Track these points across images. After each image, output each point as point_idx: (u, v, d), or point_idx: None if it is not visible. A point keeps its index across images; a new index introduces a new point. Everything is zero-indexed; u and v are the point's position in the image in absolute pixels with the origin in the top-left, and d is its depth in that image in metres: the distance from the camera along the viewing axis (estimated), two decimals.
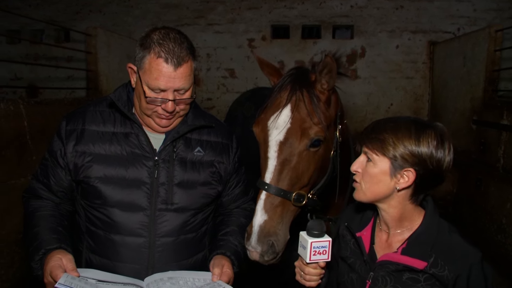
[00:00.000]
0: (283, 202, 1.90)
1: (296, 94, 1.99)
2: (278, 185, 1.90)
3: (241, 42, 6.49)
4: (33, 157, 3.45)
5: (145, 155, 1.78)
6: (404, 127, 1.45)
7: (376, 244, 1.60)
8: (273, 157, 1.94)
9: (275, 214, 1.88)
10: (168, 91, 1.67)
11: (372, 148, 1.48)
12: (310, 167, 1.96)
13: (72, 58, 6.52)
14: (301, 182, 1.94)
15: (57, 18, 6.71)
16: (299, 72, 2.11)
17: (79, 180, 1.78)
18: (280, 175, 1.92)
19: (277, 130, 1.96)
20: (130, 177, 1.74)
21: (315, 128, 1.94)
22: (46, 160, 1.86)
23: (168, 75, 1.65)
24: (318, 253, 1.50)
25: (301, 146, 1.93)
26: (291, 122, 1.95)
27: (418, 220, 1.54)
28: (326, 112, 2.02)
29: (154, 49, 1.65)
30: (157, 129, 1.82)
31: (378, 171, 1.48)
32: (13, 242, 3.32)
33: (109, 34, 5.14)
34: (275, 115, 1.99)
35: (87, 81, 5.04)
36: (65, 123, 1.83)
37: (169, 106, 1.69)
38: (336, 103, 2.14)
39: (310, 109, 1.96)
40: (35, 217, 1.80)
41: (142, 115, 1.80)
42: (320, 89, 2.04)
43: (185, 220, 1.82)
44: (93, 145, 1.76)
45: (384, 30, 6.24)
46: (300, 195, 1.93)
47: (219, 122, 2.06)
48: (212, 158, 1.90)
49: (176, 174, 1.80)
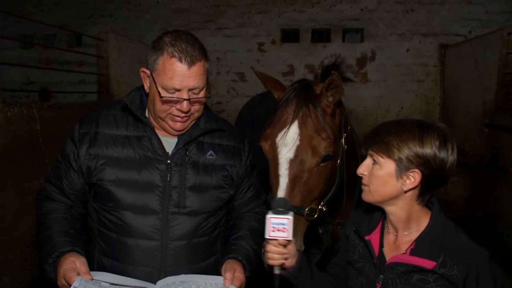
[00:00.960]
0: (296, 218, 1.89)
1: (302, 109, 1.99)
2: (291, 202, 1.89)
3: (251, 46, 6.50)
4: (46, 160, 3.48)
5: (158, 158, 1.79)
6: (407, 129, 1.47)
7: (384, 247, 1.61)
8: (284, 175, 1.95)
9: None
10: (182, 90, 1.69)
11: (377, 151, 1.51)
12: (320, 181, 1.97)
13: (83, 62, 6.59)
14: (312, 196, 1.95)
15: (69, 23, 6.79)
16: (303, 86, 2.11)
17: (92, 183, 1.79)
18: (292, 191, 1.92)
19: (286, 148, 1.96)
20: (143, 180, 1.75)
21: (324, 143, 1.94)
22: (59, 163, 1.87)
23: (182, 74, 1.67)
24: (278, 230, 1.52)
25: (311, 163, 1.94)
26: (300, 140, 1.95)
27: (425, 221, 1.55)
28: (332, 124, 2.01)
29: (167, 49, 1.67)
30: (172, 133, 1.83)
31: (384, 173, 1.50)
32: (26, 244, 3.35)
33: (120, 38, 5.18)
34: (283, 131, 1.98)
35: (98, 85, 5.09)
36: (78, 126, 1.84)
37: (184, 105, 1.70)
38: (341, 113, 2.14)
39: (317, 124, 1.95)
40: (47, 219, 1.81)
41: (156, 119, 1.81)
42: (326, 103, 2.04)
43: (198, 224, 1.83)
44: (106, 148, 1.78)
45: (395, 33, 6.21)
46: (312, 210, 1.95)
47: (231, 126, 2.07)
48: (224, 161, 1.91)
49: (188, 178, 1.80)
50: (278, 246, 1.59)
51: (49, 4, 6.92)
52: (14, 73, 6.74)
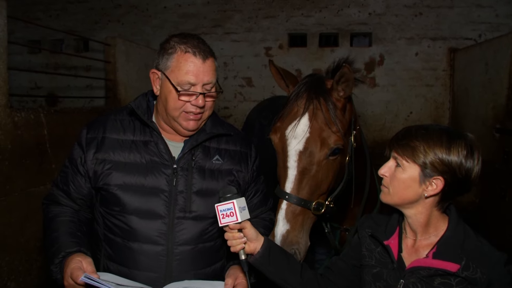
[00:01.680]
0: (303, 211, 1.92)
1: (313, 102, 2.00)
2: (299, 195, 1.91)
3: (258, 50, 6.53)
4: (53, 165, 3.51)
5: (164, 163, 1.80)
6: (435, 135, 1.48)
7: (403, 252, 1.61)
8: (293, 167, 1.95)
9: (296, 223, 1.90)
10: (197, 85, 1.73)
11: (402, 154, 1.52)
12: (329, 175, 1.97)
13: (91, 67, 6.65)
14: (320, 190, 1.96)
15: (76, 28, 6.87)
16: (314, 79, 2.12)
17: (98, 188, 1.81)
18: (300, 184, 1.93)
19: (296, 140, 1.96)
20: (149, 185, 1.76)
21: (334, 136, 1.95)
22: (66, 168, 1.89)
23: (197, 68, 1.71)
24: (227, 215, 1.57)
25: (320, 155, 1.94)
26: (309, 132, 1.96)
27: (443, 226, 1.56)
28: (342, 119, 2.03)
29: (179, 47, 1.72)
30: (184, 134, 1.84)
31: (407, 177, 1.51)
32: (32, 250, 3.37)
33: (128, 43, 5.23)
34: (293, 124, 2.00)
35: (105, 90, 5.14)
36: (85, 131, 1.86)
37: (199, 100, 1.73)
38: (351, 109, 2.15)
39: (328, 117, 1.97)
40: (54, 222, 1.83)
41: (168, 120, 1.82)
42: (337, 97, 2.05)
43: (203, 229, 1.83)
44: (113, 153, 1.79)
45: (403, 37, 6.20)
46: (319, 204, 1.95)
47: (238, 131, 2.08)
48: (231, 166, 1.92)
49: (194, 182, 1.81)
50: (232, 231, 1.61)
51: (57, 9, 7.01)
52: (21, 78, 6.82)
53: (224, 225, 1.60)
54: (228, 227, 1.61)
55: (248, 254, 1.65)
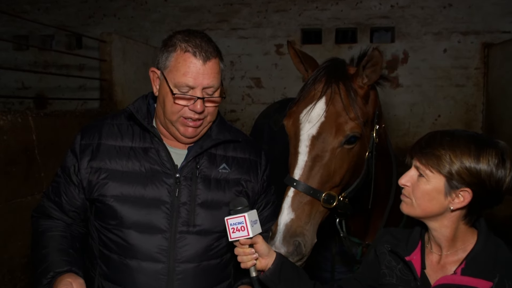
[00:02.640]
0: (311, 201, 1.93)
1: (331, 86, 2.03)
2: (308, 183, 1.93)
3: (268, 48, 6.55)
4: (42, 174, 3.53)
5: (166, 172, 1.81)
6: (463, 143, 1.48)
7: (427, 268, 1.61)
8: (304, 152, 1.97)
9: (303, 213, 1.91)
10: (196, 89, 1.73)
11: (426, 164, 1.51)
12: (343, 166, 1.99)
13: (84, 66, 6.71)
14: (332, 181, 1.97)
15: (68, 23, 6.93)
16: (335, 64, 2.17)
17: (93, 199, 1.82)
18: (311, 172, 1.95)
19: (310, 124, 2.00)
20: (149, 196, 1.78)
21: (351, 123, 1.98)
22: (59, 177, 1.92)
23: (196, 70, 1.72)
24: (237, 230, 1.60)
25: (335, 142, 1.96)
26: (325, 116, 1.99)
27: (472, 240, 1.56)
28: (363, 108, 2.05)
29: (180, 45, 1.73)
30: (182, 141, 1.86)
31: (431, 188, 1.51)
32: (17, 267, 3.38)
33: (125, 40, 5.28)
34: (308, 107, 2.03)
35: (100, 91, 5.18)
36: (80, 137, 1.89)
37: (197, 105, 1.74)
38: (375, 101, 2.18)
39: (346, 103, 2.00)
40: (44, 238, 1.85)
41: (166, 125, 1.84)
42: (360, 84, 2.08)
43: (209, 244, 1.84)
44: (109, 161, 1.81)
45: (430, 32, 6.18)
46: (330, 196, 1.95)
47: (246, 137, 2.09)
48: (239, 176, 1.93)
49: (199, 193, 1.82)
50: (243, 247, 1.64)
51: (46, 2, 7.08)
52: (7, 78, 6.89)
53: (234, 239, 1.62)
54: (239, 242, 1.63)
55: (259, 270, 1.67)
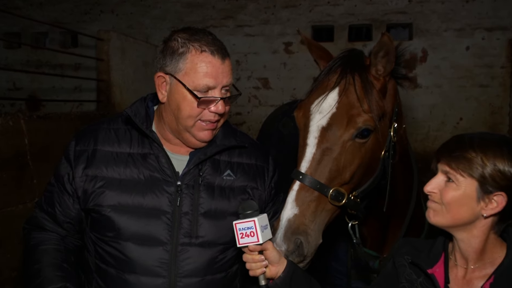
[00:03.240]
0: (318, 197, 1.93)
1: (346, 77, 2.05)
2: (315, 177, 1.93)
3: (276, 46, 6.56)
4: (34, 181, 3.55)
5: (166, 179, 1.82)
6: (494, 144, 1.49)
7: (451, 282, 1.60)
8: (313, 144, 1.99)
9: (308, 210, 1.91)
10: (216, 89, 1.75)
11: (455, 168, 1.51)
12: (354, 161, 1.99)
13: (80, 66, 6.76)
14: (341, 177, 1.97)
15: (63, 20, 6.98)
16: (352, 54, 2.19)
17: (89, 209, 1.83)
18: (318, 165, 1.96)
19: (321, 115, 2.02)
20: (148, 205, 1.78)
21: (364, 116, 1.99)
22: (52, 186, 1.92)
23: (216, 70, 1.74)
24: (246, 235, 1.61)
25: (346, 135, 1.98)
26: (337, 107, 2.01)
27: (500, 253, 1.56)
28: (379, 101, 2.06)
29: (193, 45, 1.74)
30: (195, 145, 1.87)
31: (461, 193, 1.51)
32: (6, 282, 3.37)
33: (124, 38, 5.31)
34: (320, 98, 2.06)
35: (97, 92, 5.20)
36: (74, 143, 1.90)
37: (219, 106, 1.76)
38: (394, 96, 2.18)
39: (360, 94, 2.01)
40: (37, 252, 1.86)
41: (179, 131, 1.83)
42: (375, 75, 2.09)
43: (213, 257, 1.84)
44: (105, 168, 1.82)
45: (451, 28, 6.17)
46: (339, 192, 1.95)
47: (252, 141, 2.10)
48: (245, 183, 1.93)
49: (202, 202, 1.83)
50: (252, 253, 1.64)
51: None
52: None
53: (243, 245, 1.63)
54: (248, 249, 1.63)
55: (268, 278, 1.67)
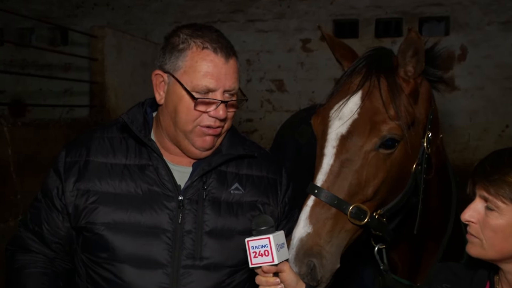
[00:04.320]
0: (336, 214, 1.90)
1: (370, 79, 2.04)
2: (332, 191, 1.91)
3: (293, 44, 6.57)
4: (18, 196, 3.55)
5: (166, 193, 1.85)
6: None
7: None
8: (330, 154, 1.98)
9: (323, 229, 1.88)
10: (217, 91, 1.78)
11: (495, 194, 1.50)
12: (378, 175, 1.97)
13: (70, 66, 6.83)
14: (363, 193, 1.95)
15: (51, 14, 7.05)
16: (379, 54, 2.18)
17: (80, 227, 1.86)
18: (337, 178, 1.94)
19: (340, 121, 2.01)
20: (146, 223, 1.81)
21: (390, 123, 1.97)
22: (39, 202, 1.96)
23: (218, 69, 1.77)
24: (260, 254, 1.59)
25: (368, 144, 1.96)
26: (359, 112, 1.99)
27: None
28: (408, 107, 2.03)
29: (194, 41, 1.78)
30: (196, 155, 1.89)
31: (505, 223, 1.50)
32: None
33: (120, 35, 5.36)
34: (340, 103, 2.05)
35: (90, 96, 5.25)
36: (64, 153, 1.93)
37: (220, 110, 1.78)
38: (428, 101, 2.16)
39: (386, 98, 2.00)
40: (22, 276, 1.88)
41: (177, 137, 1.87)
42: (404, 77, 2.08)
43: (219, 281, 1.86)
44: (99, 182, 1.85)
45: (495, 22, 6.12)
46: (360, 210, 1.92)
47: (264, 151, 2.13)
48: (255, 198, 1.95)
49: (206, 219, 1.85)
50: (266, 275, 1.63)
51: None
52: None
53: (256, 266, 1.63)
54: (261, 270, 1.63)
55: None
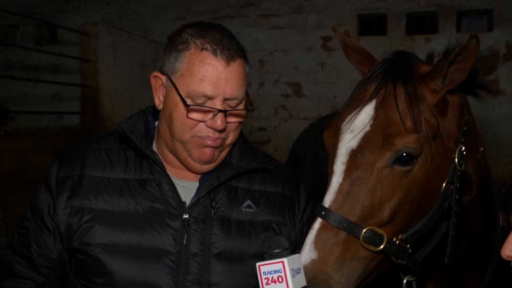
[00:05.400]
0: (346, 239, 1.89)
1: (386, 87, 2.05)
2: (341, 213, 1.90)
3: (312, 42, 6.60)
4: (0, 215, 3.60)
5: (170, 211, 1.88)
6: None
7: None
8: (339, 172, 1.98)
9: (331, 255, 1.87)
10: (216, 99, 1.80)
11: None
12: (394, 195, 1.95)
13: (59, 67, 6.89)
14: (378, 216, 1.93)
15: (38, 10, 7.10)
16: (398, 58, 2.18)
17: (73, 249, 1.89)
18: (346, 199, 1.93)
19: (351, 134, 2.01)
20: (147, 244, 1.84)
21: (406, 136, 1.95)
22: (28, 221, 2.00)
23: (217, 74, 1.79)
24: (273, 281, 1.61)
25: (381, 160, 1.95)
26: (371, 124, 2.00)
27: None
28: (431, 118, 2.02)
29: (194, 42, 1.81)
30: (196, 169, 1.92)
31: None
32: None
33: (116, 32, 5.39)
34: (352, 114, 2.06)
35: (82, 102, 5.28)
36: (56, 167, 1.98)
37: (217, 120, 1.79)
38: (459, 110, 2.16)
39: (403, 109, 1.99)
40: None
41: (174, 148, 1.90)
42: (435, 87, 2.07)
43: None
44: (95, 198, 1.89)
45: None
46: (375, 234, 1.90)
47: (279, 165, 2.16)
48: (269, 217, 1.98)
49: (215, 241, 1.88)
50: None
51: None
52: None
53: None
54: None
55: None
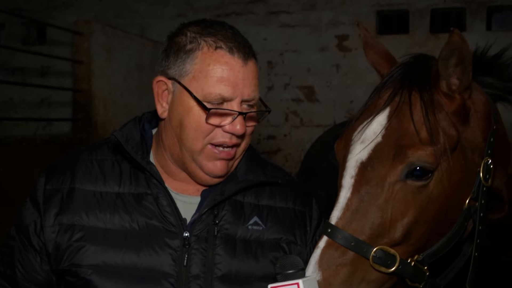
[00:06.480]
0: (354, 259, 1.89)
1: (401, 94, 2.05)
2: (349, 231, 1.90)
3: (326, 41, 6.60)
4: None
5: (169, 229, 1.88)
6: None
7: None
8: (348, 186, 1.98)
9: (336, 277, 1.86)
10: (233, 101, 1.82)
11: None
12: (407, 213, 1.95)
13: (49, 70, 6.90)
14: (389, 235, 1.93)
15: (25, 6, 7.14)
16: (417, 62, 2.18)
17: (62, 271, 1.89)
18: (355, 215, 1.93)
19: (361, 145, 2.02)
20: (144, 266, 1.84)
21: (420, 148, 1.95)
22: (11, 240, 2.00)
23: (235, 74, 1.81)
24: None
25: (392, 174, 1.95)
26: (383, 135, 2.00)
27: None
28: (450, 128, 2.01)
29: (205, 40, 1.82)
30: (205, 181, 1.94)
31: None
32: None
33: (110, 31, 5.40)
34: (364, 123, 2.06)
35: (73, 107, 5.31)
36: (44, 180, 1.98)
37: (237, 125, 1.81)
38: (485, 120, 2.15)
39: (418, 117, 1.99)
40: None
41: (183, 159, 1.91)
42: (446, 91, 2.06)
43: None
44: (86, 214, 1.89)
45: None
46: (386, 254, 1.90)
47: (289, 178, 2.16)
48: (278, 235, 1.98)
49: (218, 261, 1.88)
50: None
51: None
52: None
53: None
54: None
55: None
